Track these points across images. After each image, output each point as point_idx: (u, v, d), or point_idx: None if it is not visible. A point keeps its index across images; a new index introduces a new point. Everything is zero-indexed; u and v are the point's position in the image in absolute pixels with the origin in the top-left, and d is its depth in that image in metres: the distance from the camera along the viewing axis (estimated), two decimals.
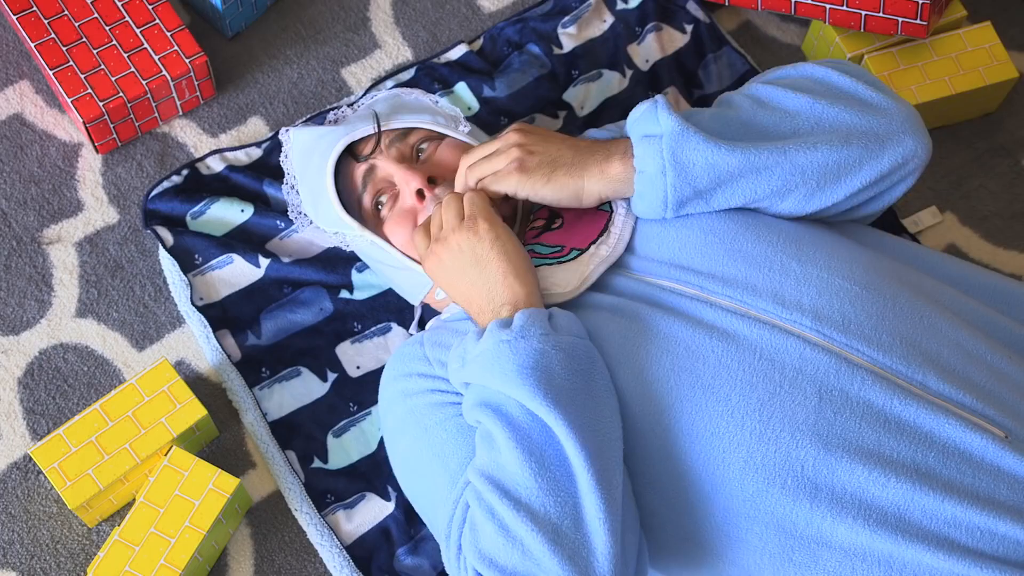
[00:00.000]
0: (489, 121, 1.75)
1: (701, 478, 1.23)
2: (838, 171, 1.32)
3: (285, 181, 1.59)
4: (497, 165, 1.39)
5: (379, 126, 1.49)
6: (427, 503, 1.36)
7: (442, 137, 1.51)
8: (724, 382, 1.23)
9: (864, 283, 1.28)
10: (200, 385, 1.61)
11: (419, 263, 1.46)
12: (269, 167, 1.72)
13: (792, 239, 1.32)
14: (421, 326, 1.61)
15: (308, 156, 1.54)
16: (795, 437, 1.21)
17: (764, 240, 1.31)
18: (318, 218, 1.53)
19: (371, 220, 1.50)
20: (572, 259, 1.36)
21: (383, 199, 1.48)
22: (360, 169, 1.50)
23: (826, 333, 1.25)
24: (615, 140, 1.39)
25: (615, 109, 1.78)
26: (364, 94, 1.75)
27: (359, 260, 1.66)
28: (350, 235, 1.51)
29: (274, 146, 1.73)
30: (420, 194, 1.45)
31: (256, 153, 1.73)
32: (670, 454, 1.24)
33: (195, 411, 1.52)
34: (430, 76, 1.78)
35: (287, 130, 1.60)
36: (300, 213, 1.58)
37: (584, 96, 1.79)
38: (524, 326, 1.24)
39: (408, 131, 1.50)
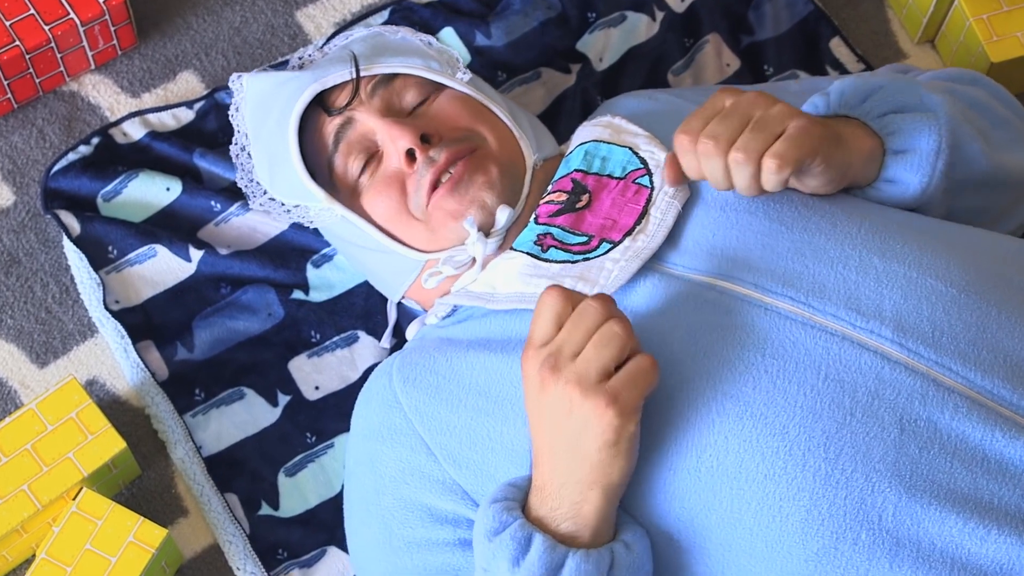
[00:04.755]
0: (483, 76, 1.74)
1: (752, 533, 1.23)
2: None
3: (234, 141, 1.60)
4: (769, 132, 1.28)
5: (358, 70, 1.49)
6: None
7: (437, 87, 1.51)
8: (780, 411, 1.23)
9: (962, 285, 1.28)
10: (118, 411, 1.61)
11: (405, 244, 1.46)
12: (203, 133, 1.73)
13: (876, 229, 1.33)
14: (397, 336, 1.60)
15: (266, 108, 1.54)
16: (870, 479, 1.20)
17: (841, 230, 1.32)
18: (274, 186, 1.54)
19: (343, 189, 1.50)
20: (602, 254, 1.35)
21: (360, 163, 1.48)
22: (332, 124, 1.50)
23: (911, 347, 1.24)
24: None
25: (642, 61, 1.79)
26: (330, 38, 1.74)
27: (314, 252, 1.67)
28: (315, 208, 1.50)
29: (209, 107, 1.74)
30: (410, 155, 1.44)
31: (187, 116, 1.74)
32: (712, 503, 1.24)
33: (111, 444, 1.52)
34: (408, 20, 1.78)
35: (240, 76, 1.61)
36: (252, 181, 1.57)
37: (603, 45, 1.79)
38: None
39: (393, 77, 1.50)
